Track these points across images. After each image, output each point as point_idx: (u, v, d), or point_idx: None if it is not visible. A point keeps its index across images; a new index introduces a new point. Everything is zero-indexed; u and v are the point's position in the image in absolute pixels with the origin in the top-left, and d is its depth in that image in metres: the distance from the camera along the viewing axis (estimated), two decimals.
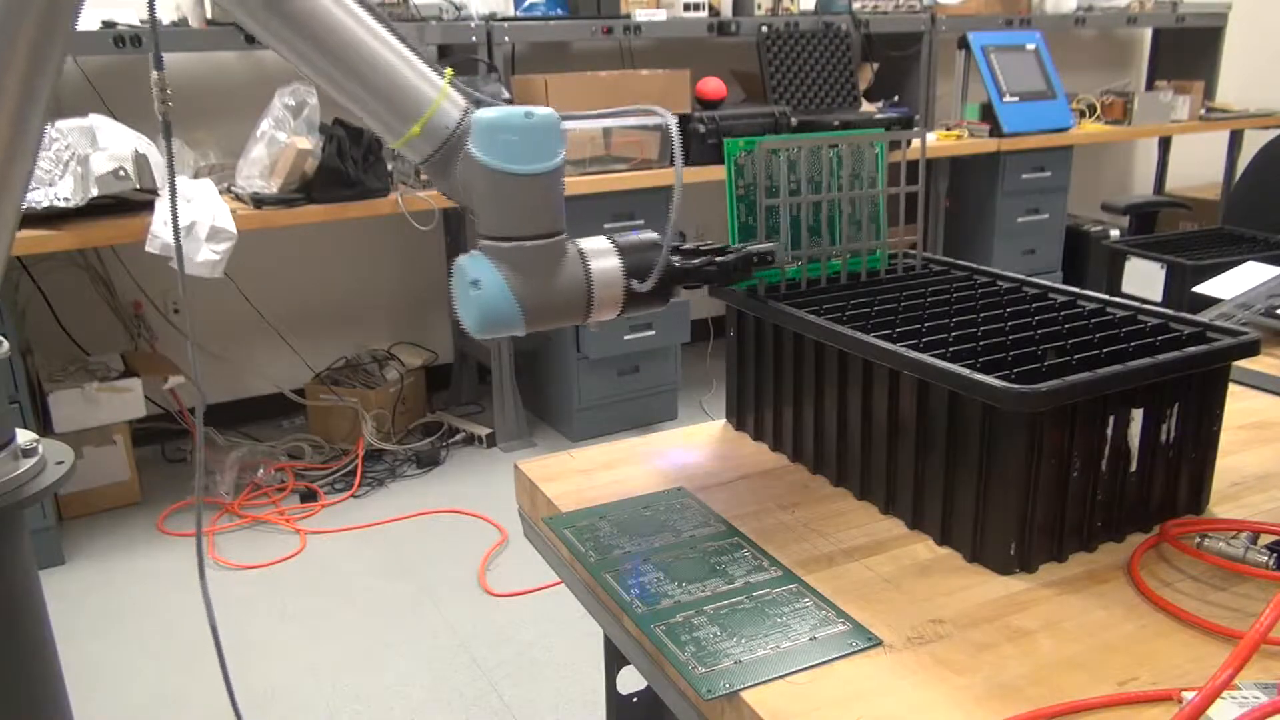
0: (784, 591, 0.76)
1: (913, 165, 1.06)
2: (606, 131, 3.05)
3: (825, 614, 0.73)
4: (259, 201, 2.63)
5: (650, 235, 0.88)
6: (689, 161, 3.15)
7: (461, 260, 0.81)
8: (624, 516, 0.90)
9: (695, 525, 0.87)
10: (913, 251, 1.11)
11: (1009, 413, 0.74)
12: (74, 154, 2.43)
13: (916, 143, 1.14)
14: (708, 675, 0.66)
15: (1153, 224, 3.01)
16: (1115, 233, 4.05)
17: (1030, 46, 3.91)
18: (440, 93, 0.80)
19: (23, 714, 0.97)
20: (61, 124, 2.45)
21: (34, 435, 1.00)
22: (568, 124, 0.81)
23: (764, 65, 3.60)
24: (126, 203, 2.49)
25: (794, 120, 3.31)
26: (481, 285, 0.79)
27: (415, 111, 0.80)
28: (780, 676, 0.66)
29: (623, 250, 0.86)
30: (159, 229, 2.40)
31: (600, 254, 0.85)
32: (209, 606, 1.07)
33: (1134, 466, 0.82)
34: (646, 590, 0.77)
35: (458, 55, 3.16)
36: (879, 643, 0.70)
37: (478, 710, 1.96)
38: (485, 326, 0.81)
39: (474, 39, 3.07)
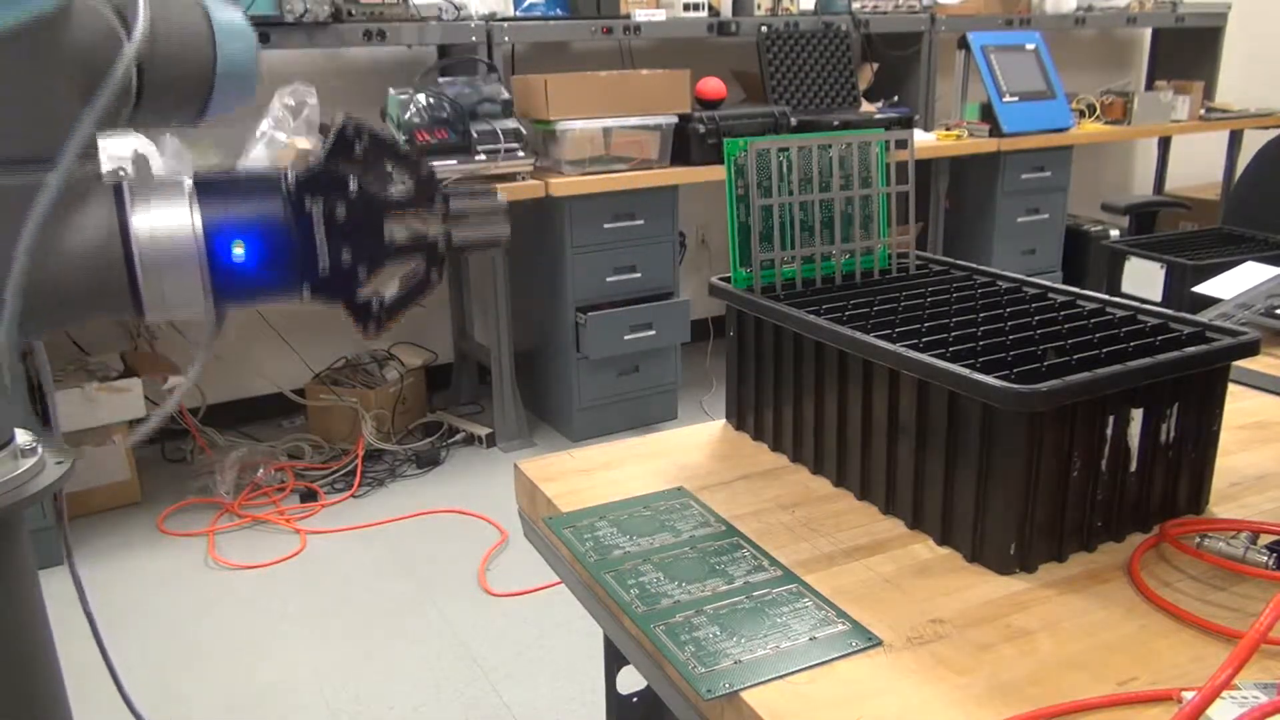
0: (784, 591, 0.76)
1: (906, 165, 1.06)
2: (606, 131, 3.05)
3: (825, 614, 0.73)
4: None
5: (267, 180, 0.53)
6: (690, 161, 3.15)
7: None
8: (624, 516, 0.90)
9: (695, 525, 0.87)
10: (905, 251, 1.11)
11: (1009, 413, 0.74)
12: None
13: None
14: (708, 675, 0.66)
15: (1152, 224, 3.01)
16: (1115, 233, 4.05)
17: (1030, 46, 3.91)
18: None
19: (23, 714, 0.97)
20: None
21: (34, 435, 1.00)
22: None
23: (764, 65, 3.60)
24: None
25: (794, 120, 3.31)
26: None
27: None
28: (780, 676, 0.66)
29: (207, 193, 0.50)
30: None
31: (152, 197, 0.49)
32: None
33: (1134, 466, 0.82)
34: (646, 590, 0.77)
35: (457, 55, 3.17)
36: (879, 643, 0.70)
37: (478, 710, 1.96)
38: None
39: (474, 39, 3.07)
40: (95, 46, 0.49)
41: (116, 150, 0.56)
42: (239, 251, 0.50)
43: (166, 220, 0.49)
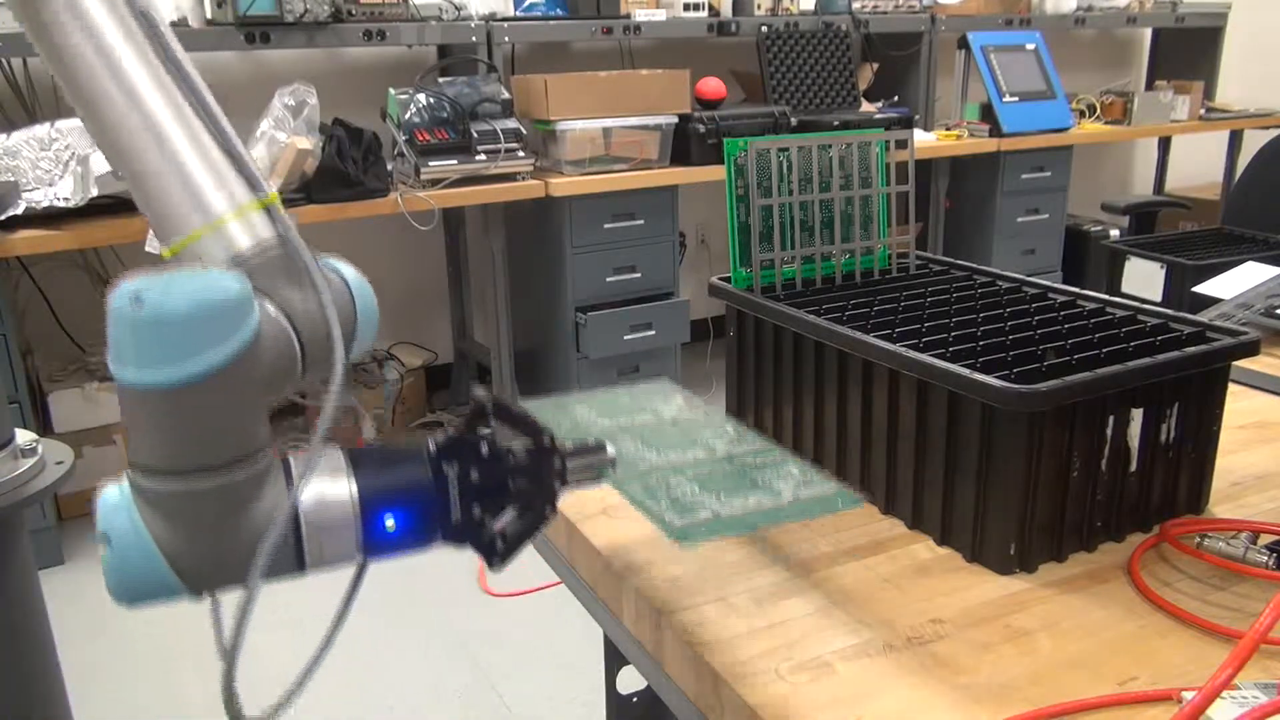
0: (768, 458, 0.74)
1: (905, 165, 1.06)
2: (606, 131, 3.05)
3: (809, 476, 0.71)
4: None
5: (412, 451, 0.61)
6: (690, 161, 3.15)
7: (101, 495, 0.58)
8: (600, 400, 0.85)
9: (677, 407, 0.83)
10: (905, 251, 1.11)
11: (1009, 413, 0.74)
12: (74, 154, 2.43)
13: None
14: (684, 527, 0.64)
15: (1152, 224, 3.01)
16: (1115, 233, 4.05)
17: (1030, 46, 3.91)
18: (209, 225, 0.58)
19: (23, 714, 0.97)
20: (61, 124, 2.45)
21: (34, 435, 1.00)
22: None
23: (764, 65, 3.60)
24: (126, 203, 2.49)
25: (794, 120, 3.31)
26: (111, 542, 0.55)
27: (169, 231, 0.59)
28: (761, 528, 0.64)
29: (363, 469, 0.58)
30: None
31: (319, 477, 0.57)
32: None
33: (1134, 466, 0.82)
34: (624, 457, 0.73)
35: (457, 55, 3.17)
36: (859, 503, 0.69)
37: (478, 710, 1.96)
38: (125, 596, 0.56)
39: (474, 39, 3.07)
40: (279, 354, 0.59)
41: None
42: (390, 524, 0.59)
43: (327, 492, 0.57)
